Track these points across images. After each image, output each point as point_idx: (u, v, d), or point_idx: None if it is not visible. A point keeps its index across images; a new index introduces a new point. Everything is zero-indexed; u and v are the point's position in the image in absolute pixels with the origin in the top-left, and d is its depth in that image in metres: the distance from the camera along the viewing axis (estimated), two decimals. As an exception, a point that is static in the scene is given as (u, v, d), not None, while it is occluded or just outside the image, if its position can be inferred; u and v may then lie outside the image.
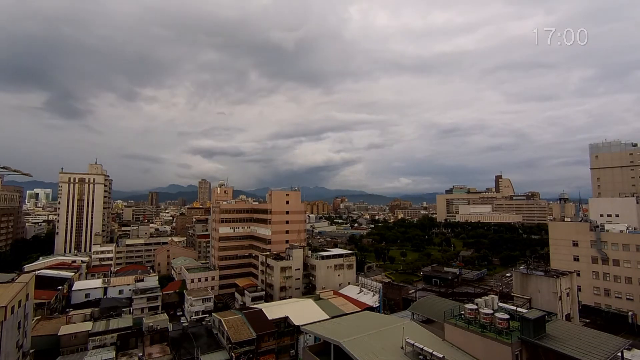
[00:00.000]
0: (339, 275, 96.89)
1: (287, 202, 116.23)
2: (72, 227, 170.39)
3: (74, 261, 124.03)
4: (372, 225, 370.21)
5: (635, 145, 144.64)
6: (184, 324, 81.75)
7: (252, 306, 75.41)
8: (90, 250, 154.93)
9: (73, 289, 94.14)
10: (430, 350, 33.36)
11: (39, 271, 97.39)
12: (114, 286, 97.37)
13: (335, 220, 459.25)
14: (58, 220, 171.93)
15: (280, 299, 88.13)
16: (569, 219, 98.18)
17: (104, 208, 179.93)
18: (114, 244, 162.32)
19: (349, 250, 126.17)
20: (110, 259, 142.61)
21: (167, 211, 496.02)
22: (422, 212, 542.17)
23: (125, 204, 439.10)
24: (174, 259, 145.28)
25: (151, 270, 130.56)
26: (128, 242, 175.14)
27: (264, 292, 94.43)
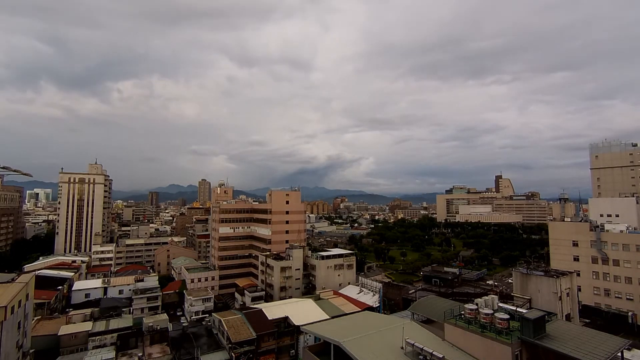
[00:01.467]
0: (339, 275, 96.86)
1: (287, 202, 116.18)
2: (72, 227, 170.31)
3: (74, 261, 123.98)
4: (372, 225, 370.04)
5: (635, 145, 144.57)
6: (184, 324, 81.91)
7: (252, 306, 75.43)
8: (90, 250, 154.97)
9: (73, 289, 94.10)
10: (430, 350, 33.37)
11: (39, 271, 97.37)
12: (114, 286, 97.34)
13: (335, 220, 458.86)
14: (58, 220, 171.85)
15: (280, 299, 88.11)
16: (569, 219, 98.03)
17: (104, 208, 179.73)
18: (114, 244, 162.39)
19: (349, 250, 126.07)
20: (110, 259, 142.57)
21: (167, 211, 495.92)
22: (422, 212, 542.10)
23: (125, 204, 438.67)
24: (174, 259, 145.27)
25: (151, 270, 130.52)
26: (128, 242, 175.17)
27: (264, 292, 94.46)
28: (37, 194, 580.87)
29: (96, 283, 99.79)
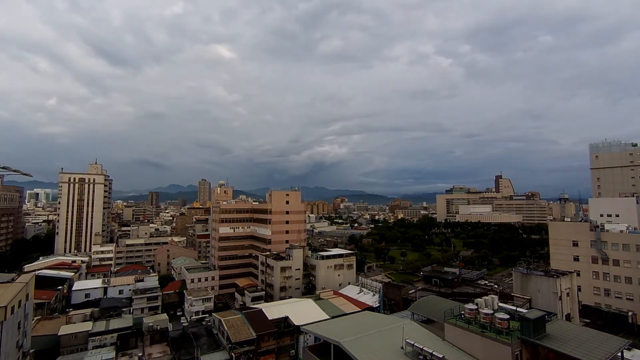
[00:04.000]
0: (339, 275, 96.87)
1: (287, 202, 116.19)
2: (72, 227, 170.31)
3: (74, 261, 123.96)
4: (372, 225, 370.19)
5: (635, 145, 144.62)
6: (184, 324, 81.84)
7: (252, 306, 75.40)
8: (90, 250, 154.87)
9: (73, 289, 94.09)
10: (430, 350, 33.37)
11: (39, 271, 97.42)
12: (114, 286, 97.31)
13: (335, 220, 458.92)
14: (58, 220, 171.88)
15: (280, 299, 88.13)
16: (569, 219, 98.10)
17: (104, 208, 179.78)
18: (114, 244, 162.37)
19: (349, 250, 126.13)
20: (110, 259, 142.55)
21: (167, 211, 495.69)
22: (422, 212, 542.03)
23: (125, 204, 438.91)
24: (174, 259, 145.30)
25: (151, 270, 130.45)
26: (128, 242, 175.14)
27: (264, 292, 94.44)
28: (37, 194, 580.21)
29: (96, 283, 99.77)
